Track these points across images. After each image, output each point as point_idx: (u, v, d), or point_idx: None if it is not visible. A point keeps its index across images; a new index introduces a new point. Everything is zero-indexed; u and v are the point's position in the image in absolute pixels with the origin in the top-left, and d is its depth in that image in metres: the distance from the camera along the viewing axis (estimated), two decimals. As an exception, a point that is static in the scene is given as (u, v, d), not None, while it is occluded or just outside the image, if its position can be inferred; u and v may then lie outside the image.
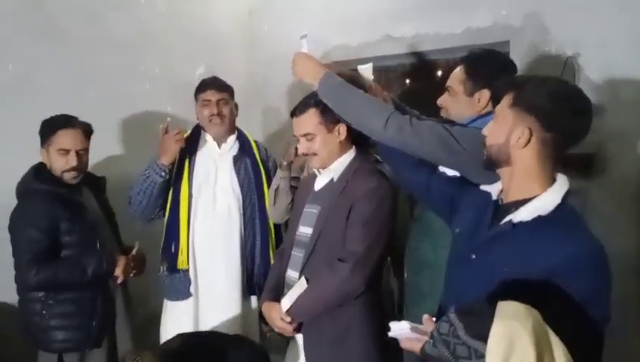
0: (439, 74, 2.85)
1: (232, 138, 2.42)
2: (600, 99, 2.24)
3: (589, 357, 1.07)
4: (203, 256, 2.31)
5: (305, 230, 1.85)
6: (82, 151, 2.11)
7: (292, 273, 1.85)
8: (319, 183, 1.89)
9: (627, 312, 2.22)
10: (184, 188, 2.29)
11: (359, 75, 1.81)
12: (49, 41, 2.50)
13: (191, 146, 2.34)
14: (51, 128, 2.08)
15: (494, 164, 1.28)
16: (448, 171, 1.58)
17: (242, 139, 2.46)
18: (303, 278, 1.76)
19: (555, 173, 1.24)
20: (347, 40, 3.07)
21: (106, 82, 2.70)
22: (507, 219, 1.22)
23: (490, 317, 0.91)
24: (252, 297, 2.39)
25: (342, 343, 1.73)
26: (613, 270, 1.17)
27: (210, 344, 1.73)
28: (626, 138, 2.28)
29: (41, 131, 2.10)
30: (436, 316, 1.24)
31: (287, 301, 1.76)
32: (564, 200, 1.20)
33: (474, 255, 1.29)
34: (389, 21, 2.92)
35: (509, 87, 1.25)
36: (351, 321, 1.73)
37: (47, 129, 2.09)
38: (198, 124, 2.42)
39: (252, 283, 2.36)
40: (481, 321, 0.92)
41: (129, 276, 2.21)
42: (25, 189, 2.07)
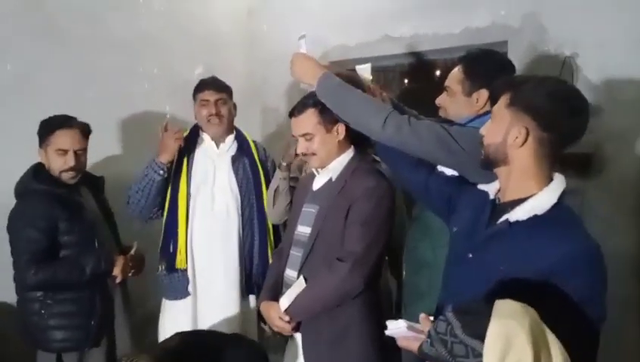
0: (438, 74, 2.85)
1: (231, 138, 2.42)
2: (598, 99, 2.24)
3: (585, 356, 1.08)
4: (201, 256, 2.31)
5: (303, 229, 1.85)
6: (80, 151, 2.11)
7: (290, 272, 1.85)
8: (318, 183, 1.89)
9: (625, 312, 2.22)
10: (182, 187, 2.29)
11: (357, 76, 1.81)
12: (49, 41, 2.50)
13: (189, 146, 2.34)
14: (49, 128, 2.08)
15: (492, 164, 1.28)
16: (447, 171, 1.59)
17: (241, 139, 2.46)
18: (302, 277, 1.76)
19: (553, 173, 1.25)
20: (346, 40, 3.08)
21: (105, 82, 2.70)
22: (504, 219, 1.23)
23: (487, 315, 0.92)
24: (250, 296, 2.39)
25: (340, 343, 1.73)
26: (611, 270, 1.17)
27: (208, 343, 1.73)
28: (624, 138, 2.28)
29: (39, 131, 2.10)
30: (434, 315, 1.24)
31: (285, 300, 1.76)
32: (560, 199, 1.20)
33: (471, 254, 1.29)
34: (388, 21, 2.92)
35: (507, 87, 1.26)
36: (349, 321, 1.73)
37: (45, 129, 2.09)
38: (197, 124, 2.42)
39: (250, 283, 2.36)
40: (478, 320, 0.93)
41: (127, 276, 2.21)
42: (23, 189, 2.07)
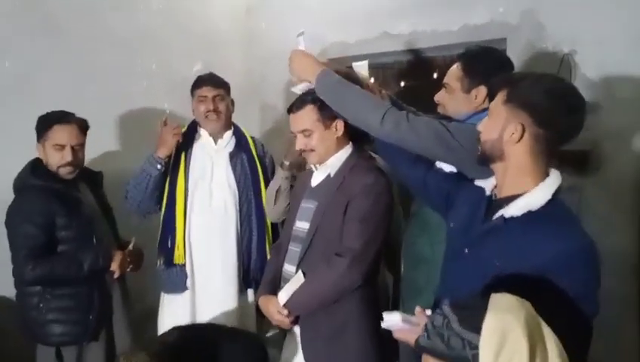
0: (436, 71, 2.85)
1: (229, 134, 2.42)
2: (596, 96, 2.24)
3: (579, 351, 1.08)
4: (199, 252, 2.31)
5: (302, 225, 1.85)
6: (78, 146, 2.11)
7: (289, 267, 1.86)
8: (316, 179, 1.89)
9: (623, 310, 2.22)
10: (180, 182, 2.29)
11: (354, 73, 1.81)
12: (48, 40, 2.51)
13: (187, 142, 2.34)
14: (47, 123, 2.08)
15: (488, 160, 1.29)
16: (445, 167, 1.59)
17: (239, 135, 2.46)
18: (300, 272, 1.77)
19: (549, 169, 1.25)
20: (344, 37, 3.07)
21: (105, 79, 2.70)
22: (499, 214, 1.23)
23: (483, 309, 0.92)
24: (249, 291, 2.39)
25: (338, 339, 1.74)
26: (608, 268, 1.18)
27: (207, 336, 1.73)
28: (622, 136, 2.28)
29: (37, 126, 2.10)
30: (432, 310, 1.24)
31: (284, 294, 1.77)
32: (555, 195, 1.21)
33: (467, 249, 1.30)
34: (386, 18, 2.92)
35: (504, 84, 1.26)
36: (347, 317, 1.74)
37: (42, 124, 2.09)
38: (195, 120, 2.42)
39: (248, 278, 2.37)
40: (474, 314, 0.93)
41: (126, 271, 2.22)
42: (21, 185, 2.07)
